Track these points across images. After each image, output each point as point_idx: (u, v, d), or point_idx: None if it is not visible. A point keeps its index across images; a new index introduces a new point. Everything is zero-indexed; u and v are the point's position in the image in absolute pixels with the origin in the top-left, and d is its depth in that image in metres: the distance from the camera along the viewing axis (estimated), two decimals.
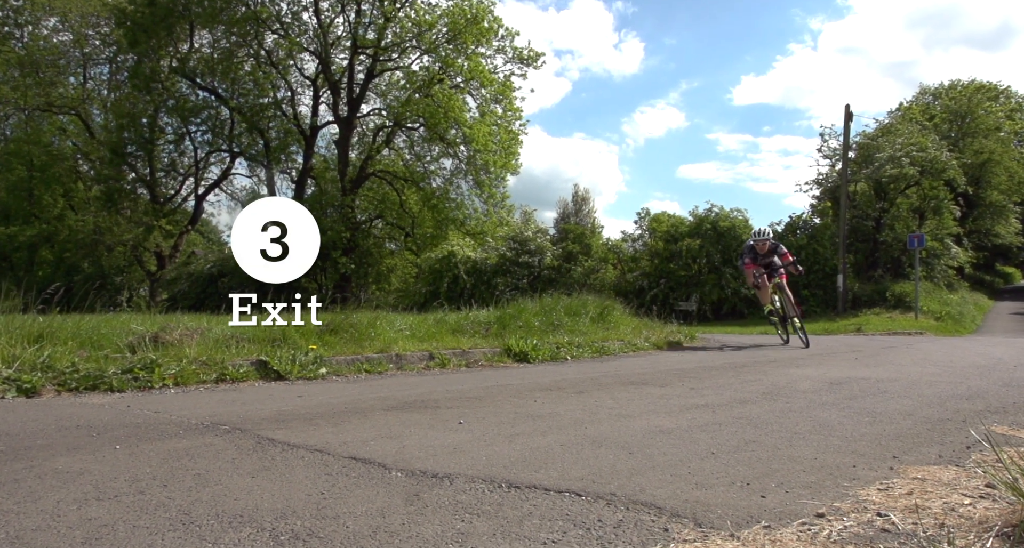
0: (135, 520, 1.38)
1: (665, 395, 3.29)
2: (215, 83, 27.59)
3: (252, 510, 1.44)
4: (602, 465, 1.80)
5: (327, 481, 1.69)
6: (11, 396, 3.10)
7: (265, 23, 25.56)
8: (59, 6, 28.36)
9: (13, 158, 27.93)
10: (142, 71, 26.63)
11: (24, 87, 27.06)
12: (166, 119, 29.34)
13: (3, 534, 1.28)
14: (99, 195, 28.71)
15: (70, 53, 29.54)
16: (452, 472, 1.75)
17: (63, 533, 1.29)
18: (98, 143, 28.50)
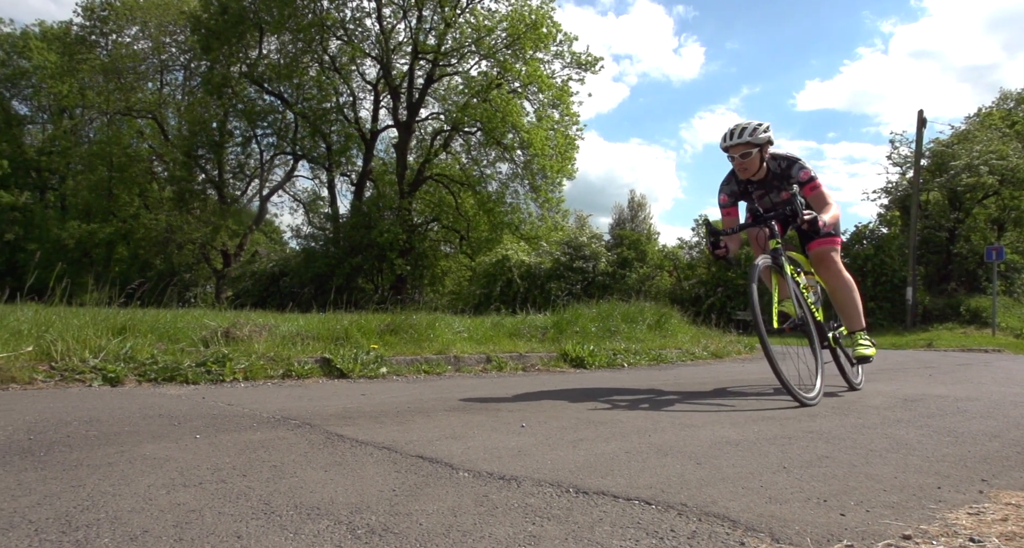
0: (220, 507, 1.43)
1: (730, 405, 3.22)
2: (281, 88, 28.48)
3: (328, 503, 1.48)
4: (670, 474, 1.78)
5: (397, 478, 1.72)
6: (97, 384, 3.27)
7: (330, 29, 26.28)
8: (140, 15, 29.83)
9: (96, 159, 29.51)
10: (214, 77, 27.74)
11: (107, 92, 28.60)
12: (234, 123, 30.50)
13: (104, 514, 1.35)
14: (171, 195, 30.05)
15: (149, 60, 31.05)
16: (519, 475, 1.76)
17: (156, 516, 1.35)
18: (172, 146, 29.86)
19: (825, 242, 3.86)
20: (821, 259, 3.89)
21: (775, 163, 3.81)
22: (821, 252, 3.88)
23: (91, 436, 2.11)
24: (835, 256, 3.86)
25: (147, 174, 31.25)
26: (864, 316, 3.95)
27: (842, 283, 3.86)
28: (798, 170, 3.73)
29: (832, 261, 3.85)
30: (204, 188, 31.16)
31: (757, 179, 3.84)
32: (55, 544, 1.19)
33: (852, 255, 19.34)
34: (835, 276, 3.86)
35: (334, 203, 29.94)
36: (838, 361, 3.98)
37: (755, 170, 3.76)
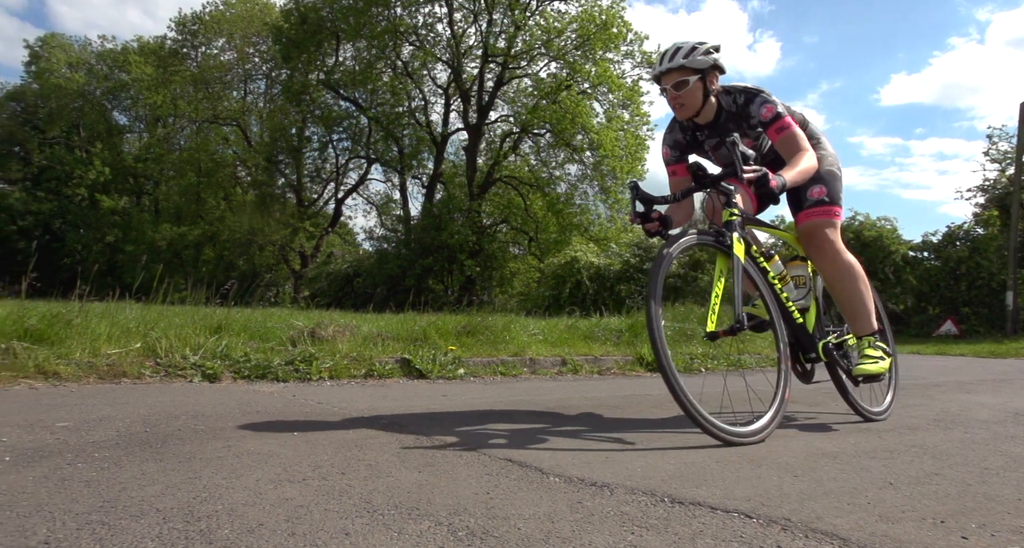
0: (325, 503, 1.49)
1: (820, 414, 3.10)
2: (356, 94, 29.34)
3: (426, 504, 1.52)
4: (767, 486, 1.72)
5: (489, 481, 1.74)
6: (197, 380, 3.46)
7: (403, 35, 26.87)
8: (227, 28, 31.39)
9: (186, 165, 31.27)
10: (293, 85, 28.85)
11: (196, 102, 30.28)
12: (312, 129, 31.67)
13: (221, 506, 1.43)
14: (254, 199, 31.49)
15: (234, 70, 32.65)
16: (610, 482, 1.75)
17: (267, 510, 1.42)
18: (254, 151, 31.31)
19: (813, 213, 2.85)
20: (809, 238, 2.87)
21: (729, 99, 2.81)
22: (808, 228, 2.87)
23: (199, 430, 2.23)
24: (830, 234, 2.83)
25: (231, 179, 32.88)
26: (878, 317, 2.96)
27: (840, 271, 2.83)
28: (759, 106, 2.73)
29: (824, 240, 2.82)
30: (283, 192, 32.52)
31: (706, 122, 2.85)
32: (181, 533, 1.27)
33: (944, 257, 18.27)
34: (830, 261, 2.84)
35: (406, 205, 30.63)
36: (838, 381, 2.94)
37: (696, 108, 2.76)
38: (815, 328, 2.90)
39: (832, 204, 2.88)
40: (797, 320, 2.76)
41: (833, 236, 2.85)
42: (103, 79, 37.58)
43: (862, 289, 2.86)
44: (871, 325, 2.88)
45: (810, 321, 2.87)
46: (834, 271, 2.87)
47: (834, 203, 2.88)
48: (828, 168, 2.90)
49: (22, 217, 36.31)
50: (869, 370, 2.75)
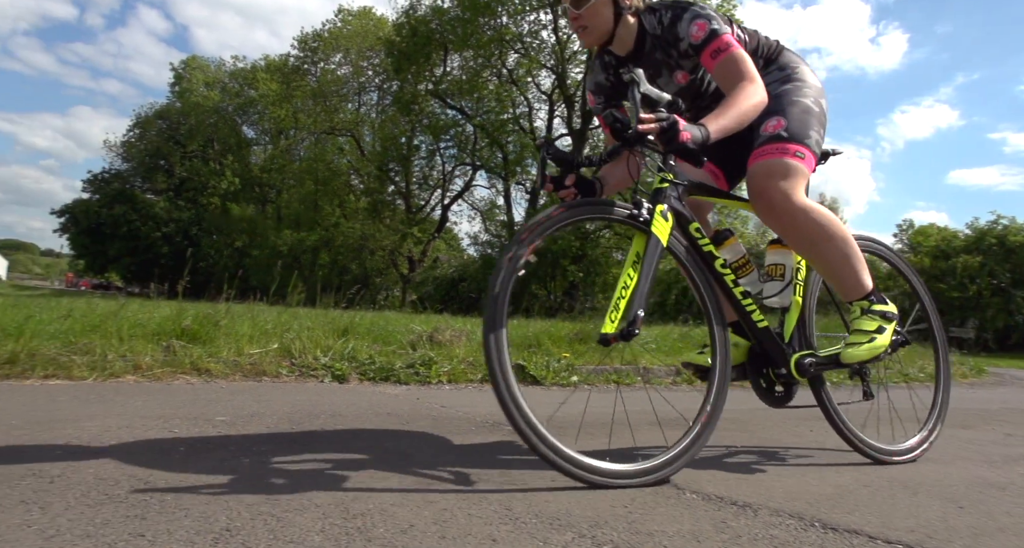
0: (467, 508, 1.53)
1: (973, 439, 2.85)
2: (463, 102, 30.11)
3: (565, 514, 1.52)
4: (929, 517, 1.60)
5: (625, 494, 1.72)
6: (328, 380, 3.66)
7: (508, 44, 27.28)
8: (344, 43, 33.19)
9: (305, 174, 33.30)
10: (404, 95, 30.01)
11: (315, 114, 32.22)
12: (420, 137, 32.81)
13: (372, 505, 1.50)
14: (366, 206, 33.04)
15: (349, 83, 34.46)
16: (751, 502, 1.68)
17: (415, 511, 1.47)
18: (367, 160, 32.87)
19: (762, 153, 2.04)
20: (754, 190, 2.04)
21: (653, 19, 2.10)
22: (752, 175, 2.04)
23: (339, 429, 2.36)
24: (783, 182, 1.98)
25: (346, 187, 34.67)
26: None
27: (802, 231, 2.03)
28: (689, 23, 2.03)
29: (773, 191, 1.99)
30: (393, 199, 33.90)
31: (626, 53, 2.16)
32: (341, 529, 1.34)
33: None
34: (787, 220, 2.01)
35: (509, 211, 31.07)
36: (825, 406, 2.22)
37: (604, 31, 2.10)
38: (795, 334, 2.17)
39: (791, 141, 2.02)
40: (759, 323, 2.07)
41: (788, 186, 1.98)
42: (234, 96, 40.80)
43: (839, 249, 2.03)
44: (861, 286, 2.09)
45: (789, 324, 2.18)
46: (794, 233, 2.03)
47: (796, 140, 2.03)
48: (797, 98, 2.11)
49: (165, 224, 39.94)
50: (857, 356, 2.01)
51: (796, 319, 2.20)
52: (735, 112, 1.92)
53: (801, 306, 2.22)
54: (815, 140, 2.07)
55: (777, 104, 2.09)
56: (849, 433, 2.21)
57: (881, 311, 2.08)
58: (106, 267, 44.36)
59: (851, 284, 2.10)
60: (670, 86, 2.20)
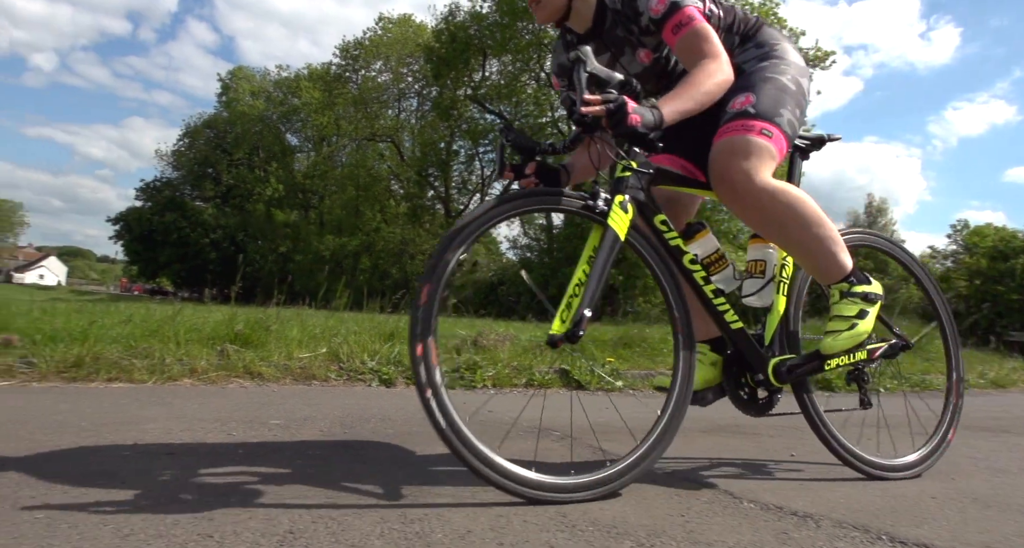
0: (523, 515, 1.53)
1: None
2: (501, 107, 30.23)
3: (621, 522, 1.51)
4: (1006, 533, 1.54)
5: (679, 502, 1.70)
6: (375, 384, 3.71)
7: (547, 47, 27.30)
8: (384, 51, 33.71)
9: (346, 180, 33.90)
10: (443, 101, 30.30)
11: (356, 121, 32.79)
12: (459, 142, 33.05)
13: (429, 510, 1.51)
14: (406, 211, 33.45)
15: (389, 89, 34.98)
16: (812, 512, 1.64)
17: (471, 517, 1.48)
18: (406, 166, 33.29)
19: (726, 131, 1.86)
20: (715, 171, 1.85)
21: None
22: (717, 153, 1.85)
23: (390, 434, 2.39)
24: (744, 161, 1.79)
25: (386, 192, 35.17)
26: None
27: (767, 214, 1.83)
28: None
29: (734, 171, 1.80)
30: (433, 203, 34.22)
31: (585, 30, 2.03)
32: (400, 533, 1.36)
33: None
34: (751, 202, 1.82)
35: (548, 215, 31.02)
36: (810, 416, 2.04)
37: (559, 7, 1.98)
38: (777, 337, 1.99)
39: (758, 118, 1.83)
40: (732, 325, 1.90)
41: (751, 165, 1.78)
42: (279, 104, 41.83)
43: (811, 232, 1.84)
44: (839, 268, 1.89)
45: (770, 326, 1.99)
46: (758, 216, 1.84)
47: (763, 117, 1.83)
48: (772, 75, 1.92)
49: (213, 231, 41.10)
50: (837, 346, 1.84)
51: (778, 320, 2.00)
52: (693, 92, 1.74)
53: (785, 306, 2.03)
54: (787, 119, 1.86)
55: (748, 80, 1.92)
56: (837, 444, 2.03)
57: (863, 292, 1.88)
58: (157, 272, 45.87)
59: (827, 267, 1.90)
60: (633, 65, 2.02)
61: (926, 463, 2.13)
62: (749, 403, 2.03)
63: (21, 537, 1.21)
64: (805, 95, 1.96)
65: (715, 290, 1.88)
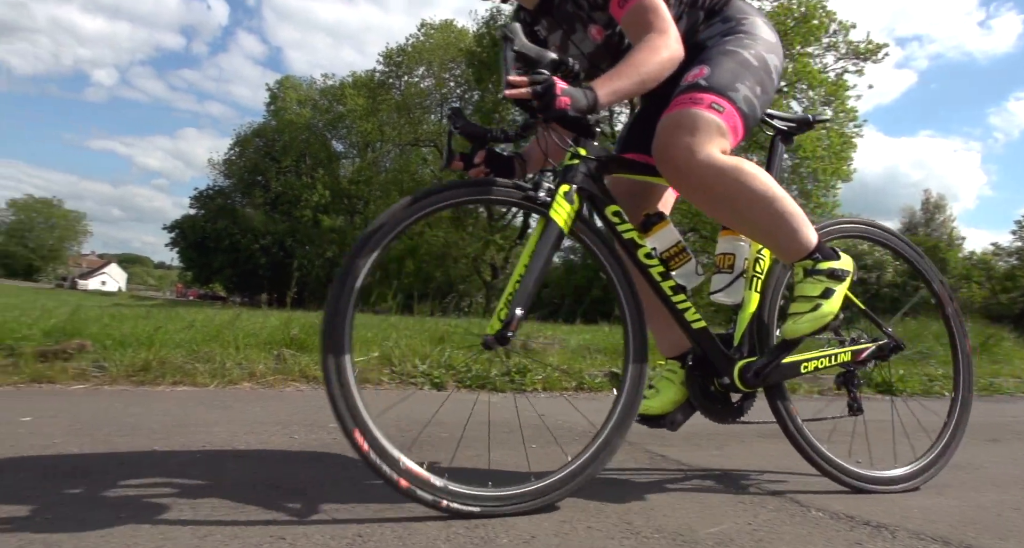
0: (586, 521, 1.52)
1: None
2: None
3: (687, 530, 1.48)
4: None
5: (744, 510, 1.66)
6: (427, 388, 3.74)
7: None
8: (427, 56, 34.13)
9: (391, 185, 34.37)
10: (485, 105, 30.49)
11: (399, 126, 33.25)
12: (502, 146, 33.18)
13: None
14: (448, 215, 33.68)
15: (432, 95, 35.36)
16: (886, 522, 1.59)
17: (534, 522, 1.48)
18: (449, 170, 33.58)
19: (676, 103, 1.68)
20: (660, 149, 1.66)
21: None
22: (661, 128, 1.67)
23: (443, 438, 2.40)
24: (688, 137, 1.62)
25: None
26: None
27: (717, 189, 1.66)
28: None
29: (677, 149, 1.63)
30: (476, 207, 34.37)
31: (534, 6, 1.91)
32: (466, 538, 1.36)
33: None
34: (696, 180, 1.65)
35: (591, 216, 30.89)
36: (785, 424, 1.87)
37: None
38: (747, 337, 1.82)
39: (709, 91, 1.66)
40: (694, 324, 1.75)
41: (695, 141, 1.60)
42: (324, 112, 42.76)
43: (766, 209, 1.67)
44: (801, 244, 1.71)
45: (740, 325, 1.83)
46: (705, 196, 1.68)
47: (715, 91, 1.66)
48: (734, 49, 1.75)
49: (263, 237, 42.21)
50: (799, 330, 1.69)
51: (749, 319, 1.83)
52: (631, 71, 1.59)
53: (759, 303, 1.84)
54: (744, 95, 1.68)
55: (707, 54, 1.76)
56: (815, 454, 1.85)
57: (828, 269, 1.70)
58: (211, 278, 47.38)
59: (787, 245, 1.72)
60: (586, 44, 1.90)
61: (922, 476, 1.96)
62: (716, 409, 1.84)
63: (108, 536, 1.26)
64: (771, 72, 1.78)
65: (674, 286, 1.73)
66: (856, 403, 1.94)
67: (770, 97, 1.79)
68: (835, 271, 1.71)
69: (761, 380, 1.77)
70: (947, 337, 2.11)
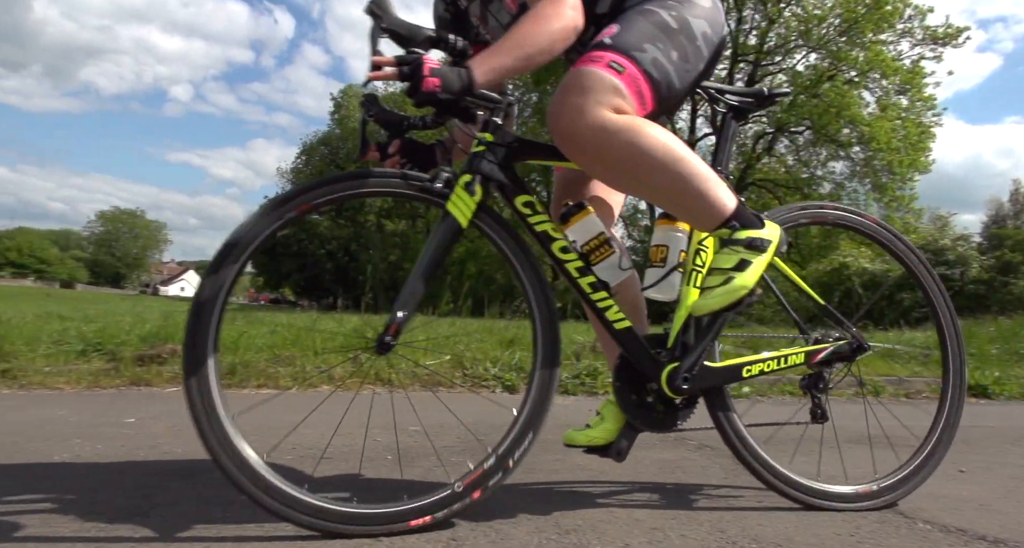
0: (678, 528, 1.49)
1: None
2: None
3: (786, 540, 1.43)
4: None
5: (845, 520, 1.60)
6: (499, 391, 3.76)
7: None
8: None
9: None
10: (544, 106, 30.45)
11: None
12: None
13: (582, 521, 1.51)
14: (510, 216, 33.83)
15: None
16: (1003, 537, 1.49)
17: (625, 529, 1.46)
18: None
19: (580, 61, 1.49)
20: (551, 114, 1.47)
21: None
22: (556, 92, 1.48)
23: None
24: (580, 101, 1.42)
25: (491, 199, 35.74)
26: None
27: (610, 154, 1.44)
28: None
29: (566, 109, 1.43)
30: None
31: None
32: (557, 543, 1.36)
33: None
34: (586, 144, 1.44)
35: (652, 215, 30.45)
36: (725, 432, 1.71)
37: None
38: (681, 338, 1.62)
39: (611, 49, 1.47)
40: (616, 324, 1.57)
41: (585, 101, 1.41)
42: None
43: (671, 173, 1.46)
44: (716, 211, 1.50)
45: (675, 325, 1.63)
46: (597, 162, 1.47)
47: (617, 49, 1.47)
48: (654, 9, 1.55)
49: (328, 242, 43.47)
50: (706, 306, 1.48)
51: (685, 317, 1.62)
52: (514, 44, 1.42)
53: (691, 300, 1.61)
54: (652, 58, 1.48)
55: (624, 14, 1.57)
56: (759, 464, 1.65)
57: (747, 238, 1.48)
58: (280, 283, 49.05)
59: (699, 212, 1.51)
60: (502, 14, 1.71)
61: (894, 492, 1.73)
62: (648, 417, 1.62)
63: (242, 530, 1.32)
64: (696, 40, 1.57)
65: (594, 283, 1.55)
66: (820, 409, 1.75)
67: (696, 68, 1.58)
68: (754, 241, 1.49)
69: (692, 385, 1.57)
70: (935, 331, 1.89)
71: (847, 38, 22.31)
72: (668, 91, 1.52)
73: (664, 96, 1.52)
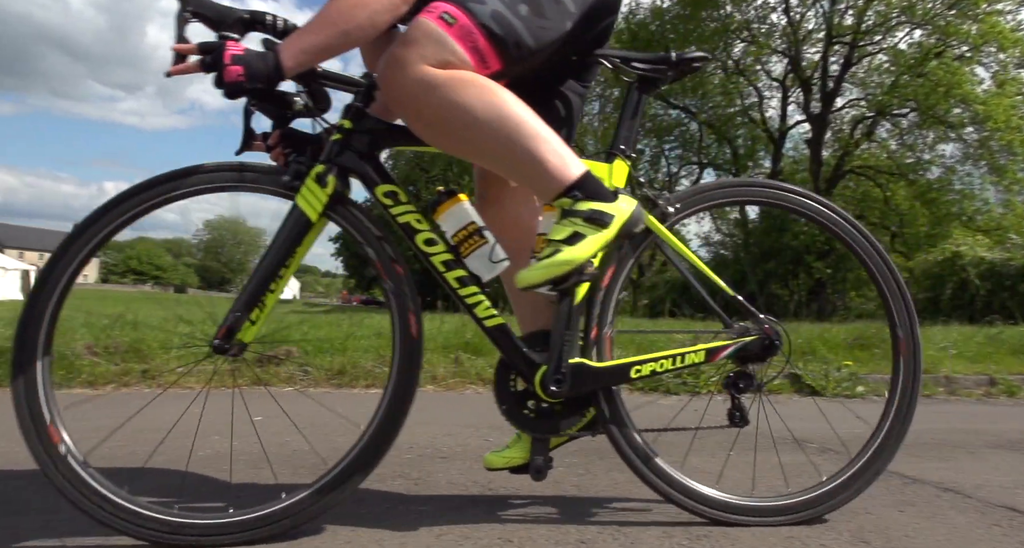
0: (817, 537, 1.43)
1: None
2: (687, 100, 29.24)
3: None
4: None
5: (1004, 534, 1.48)
6: None
7: (734, 33, 25.97)
8: None
9: None
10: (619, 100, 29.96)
11: None
12: (644, 141, 32.43)
13: (712, 527, 1.47)
14: None
15: None
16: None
17: (760, 537, 1.41)
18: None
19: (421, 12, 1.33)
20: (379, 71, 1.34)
21: None
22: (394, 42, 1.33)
23: None
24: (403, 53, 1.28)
25: None
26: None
27: (431, 110, 1.30)
28: None
29: (388, 62, 1.30)
30: None
31: None
32: None
33: None
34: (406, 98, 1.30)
35: (742, 209, 29.40)
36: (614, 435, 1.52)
37: None
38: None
39: (447, 0, 1.31)
40: (487, 321, 1.45)
41: (408, 53, 1.29)
42: None
43: (499, 132, 1.31)
44: (552, 178, 1.33)
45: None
46: (416, 119, 1.35)
47: (453, 1, 1.31)
48: None
49: None
50: (528, 278, 1.30)
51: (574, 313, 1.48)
52: (325, 21, 1.29)
53: (586, 295, 1.49)
54: (493, 11, 1.31)
55: None
56: (652, 472, 1.49)
57: (588, 210, 1.32)
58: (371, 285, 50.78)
59: (536, 179, 1.35)
60: None
61: (829, 501, 1.53)
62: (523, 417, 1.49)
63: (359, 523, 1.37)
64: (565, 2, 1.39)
65: (462, 278, 1.43)
66: (740, 412, 1.55)
67: (557, 25, 1.39)
68: (596, 214, 1.33)
69: (565, 387, 1.42)
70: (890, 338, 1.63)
71: (957, 11, 20.71)
72: (517, 49, 1.35)
73: (513, 55, 1.35)
